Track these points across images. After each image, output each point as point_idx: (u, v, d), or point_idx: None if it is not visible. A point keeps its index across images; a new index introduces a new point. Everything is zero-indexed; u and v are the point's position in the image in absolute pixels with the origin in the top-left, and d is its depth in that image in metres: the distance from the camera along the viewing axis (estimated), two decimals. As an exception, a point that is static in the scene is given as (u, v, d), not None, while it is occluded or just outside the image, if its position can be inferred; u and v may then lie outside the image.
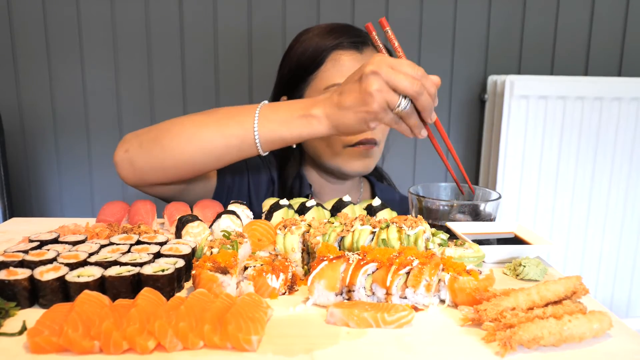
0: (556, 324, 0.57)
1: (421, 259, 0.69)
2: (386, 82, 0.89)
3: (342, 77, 1.16)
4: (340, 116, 0.93)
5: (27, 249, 0.76)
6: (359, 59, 1.20)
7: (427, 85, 0.91)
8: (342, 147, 1.22)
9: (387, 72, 0.88)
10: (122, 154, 1.04)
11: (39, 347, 0.57)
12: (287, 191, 1.29)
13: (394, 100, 0.90)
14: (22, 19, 1.82)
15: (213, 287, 0.68)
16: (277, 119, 0.98)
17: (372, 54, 1.23)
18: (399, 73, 0.88)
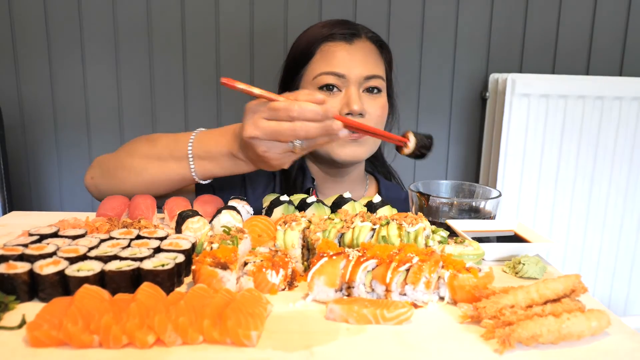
0: (555, 322, 0.57)
1: (421, 256, 0.69)
2: (268, 140, 0.91)
3: (328, 66, 1.23)
4: (258, 164, 0.99)
5: (27, 242, 0.76)
6: (348, 49, 1.25)
7: (307, 117, 0.89)
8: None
9: (264, 131, 0.90)
10: (89, 180, 1.15)
11: (38, 341, 0.57)
12: (290, 184, 1.30)
13: (285, 148, 0.92)
14: (23, 13, 1.81)
15: (213, 283, 0.68)
16: (209, 156, 1.02)
17: (364, 45, 1.27)
18: (274, 128, 0.89)
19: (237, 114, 1.91)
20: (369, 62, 1.26)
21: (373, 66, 1.26)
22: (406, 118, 1.95)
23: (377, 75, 1.26)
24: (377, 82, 1.26)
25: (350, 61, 1.24)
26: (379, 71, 1.28)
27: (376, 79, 1.26)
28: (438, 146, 2.00)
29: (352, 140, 1.24)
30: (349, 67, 1.23)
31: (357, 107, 1.21)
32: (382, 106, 1.27)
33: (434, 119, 1.98)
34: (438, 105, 1.97)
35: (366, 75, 1.24)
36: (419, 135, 0.99)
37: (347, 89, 1.24)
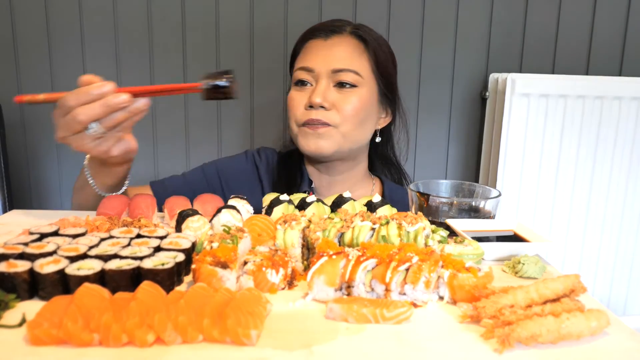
0: (554, 322, 0.57)
1: (421, 256, 0.69)
2: (71, 135, 0.95)
3: (305, 62, 1.29)
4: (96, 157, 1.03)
5: (27, 241, 0.76)
6: (323, 45, 1.29)
7: (82, 101, 0.92)
8: (297, 126, 1.30)
9: (61, 129, 0.96)
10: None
11: (38, 340, 0.58)
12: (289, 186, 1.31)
13: (90, 136, 0.94)
14: (23, 10, 1.81)
15: (213, 282, 0.68)
16: (95, 173, 1.11)
17: (341, 41, 1.28)
18: (62, 123, 0.95)
19: (237, 110, 1.91)
20: (342, 56, 1.26)
21: (345, 60, 1.26)
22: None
23: (347, 69, 1.25)
24: (348, 76, 1.25)
25: (321, 56, 1.27)
26: (354, 66, 1.26)
27: (347, 72, 1.25)
28: (438, 145, 2.00)
29: (313, 133, 1.26)
30: (319, 61, 1.26)
31: (317, 99, 1.24)
32: (355, 100, 1.26)
33: (433, 119, 1.98)
34: (438, 105, 1.97)
35: (334, 68, 1.25)
36: (211, 74, 0.96)
37: (316, 83, 1.27)
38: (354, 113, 1.27)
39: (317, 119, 1.25)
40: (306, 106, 1.27)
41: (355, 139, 1.31)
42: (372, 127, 1.36)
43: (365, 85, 1.28)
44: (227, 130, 1.94)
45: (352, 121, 1.28)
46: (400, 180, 1.51)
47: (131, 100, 0.94)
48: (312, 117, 1.26)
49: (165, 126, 1.92)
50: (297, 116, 1.29)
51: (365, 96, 1.28)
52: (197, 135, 1.94)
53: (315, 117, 1.25)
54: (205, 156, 1.96)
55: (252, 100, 1.91)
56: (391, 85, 1.36)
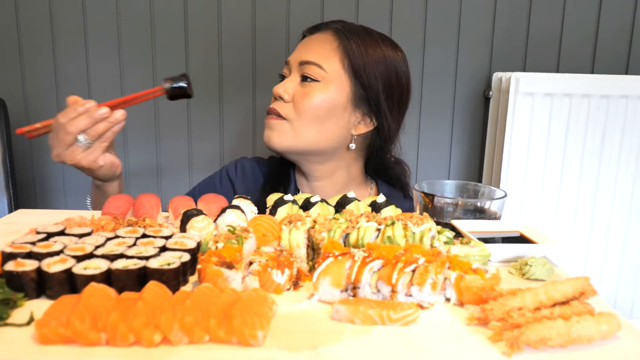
0: (564, 325, 0.57)
1: (427, 257, 0.69)
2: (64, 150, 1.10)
3: (290, 56, 1.28)
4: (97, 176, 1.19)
5: (35, 240, 0.76)
6: (307, 40, 1.29)
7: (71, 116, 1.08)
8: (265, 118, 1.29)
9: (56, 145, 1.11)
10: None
11: (46, 338, 0.58)
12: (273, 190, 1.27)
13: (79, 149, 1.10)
14: (27, 10, 1.81)
15: (218, 282, 0.68)
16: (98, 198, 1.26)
17: (325, 37, 1.25)
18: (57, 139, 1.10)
19: (239, 110, 1.91)
20: (312, 49, 1.23)
21: (313, 53, 1.22)
22: (408, 118, 1.94)
23: (312, 62, 1.21)
24: (311, 70, 1.21)
25: (297, 50, 1.27)
26: (320, 60, 1.21)
27: (310, 65, 1.21)
28: (441, 145, 1.99)
29: (267, 124, 1.26)
30: (293, 54, 1.26)
31: (278, 90, 1.24)
32: (312, 96, 1.20)
33: (436, 119, 1.97)
34: (441, 104, 1.96)
35: (301, 60, 1.23)
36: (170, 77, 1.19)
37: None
38: (309, 108, 1.21)
39: (273, 108, 1.25)
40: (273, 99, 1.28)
41: (311, 138, 1.24)
42: (338, 129, 1.25)
43: (331, 83, 1.21)
44: (229, 130, 1.94)
45: (307, 117, 1.21)
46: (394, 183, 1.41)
47: (110, 112, 1.10)
48: (270, 106, 1.26)
49: (168, 123, 1.92)
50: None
51: (328, 94, 1.21)
52: (199, 134, 1.94)
53: (271, 107, 1.25)
54: (207, 155, 1.96)
55: (254, 95, 1.90)
56: (372, 90, 1.24)
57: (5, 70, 1.85)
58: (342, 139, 1.28)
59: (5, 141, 1.65)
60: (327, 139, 1.26)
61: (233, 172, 1.41)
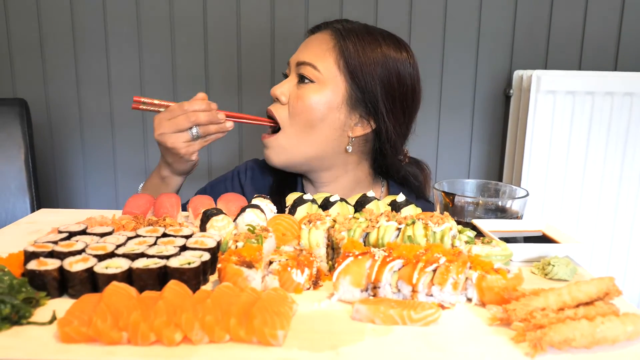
0: (588, 326, 0.55)
1: (448, 257, 0.68)
2: (172, 133, 1.15)
3: (291, 57, 1.26)
4: (173, 160, 1.20)
5: (57, 239, 0.77)
6: (307, 40, 1.26)
7: (195, 109, 1.16)
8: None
9: (167, 125, 1.15)
10: None
11: (68, 337, 0.58)
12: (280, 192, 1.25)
13: (186, 137, 1.16)
14: (49, 13, 1.85)
15: (238, 281, 0.68)
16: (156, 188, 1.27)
17: (323, 37, 1.21)
18: (172, 122, 1.15)
19: (257, 109, 1.92)
20: (310, 49, 1.21)
21: (309, 54, 1.19)
22: (428, 116, 1.93)
23: (307, 63, 1.18)
24: (306, 70, 1.18)
25: (298, 50, 1.25)
26: (314, 60, 1.18)
27: (305, 66, 1.18)
28: (461, 144, 1.97)
29: (264, 139, 1.26)
30: (294, 55, 1.25)
31: (276, 90, 1.23)
32: (305, 97, 1.17)
33: (456, 117, 1.95)
34: (461, 102, 1.94)
35: (297, 61, 1.22)
36: None
37: None
38: (303, 110, 1.18)
39: (269, 109, 1.25)
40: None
41: (307, 146, 1.21)
42: (333, 131, 1.21)
43: (326, 84, 1.18)
44: (247, 130, 1.94)
45: (301, 119, 1.19)
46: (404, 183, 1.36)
47: (224, 119, 1.20)
48: (267, 109, 1.26)
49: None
50: None
51: (322, 95, 1.17)
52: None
53: (268, 109, 1.25)
54: (226, 155, 1.97)
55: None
56: (368, 92, 1.19)
57: (27, 72, 1.89)
58: (338, 142, 1.23)
59: (28, 141, 1.68)
60: (323, 142, 1.22)
61: (243, 174, 1.40)
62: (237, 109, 1.92)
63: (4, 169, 1.65)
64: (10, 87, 1.89)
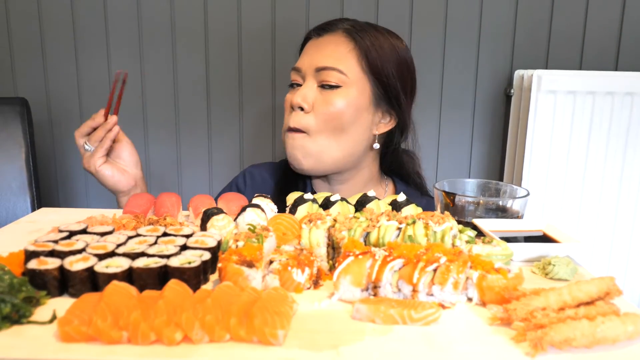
0: (589, 326, 0.55)
1: (449, 256, 0.68)
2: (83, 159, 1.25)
3: (298, 61, 1.25)
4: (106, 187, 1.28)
5: (57, 239, 0.77)
6: (315, 43, 1.24)
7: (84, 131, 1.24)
8: (284, 132, 1.25)
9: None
10: None
11: (68, 336, 0.58)
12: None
13: (84, 154, 1.25)
14: (50, 13, 1.84)
15: (239, 281, 0.68)
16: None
17: (331, 38, 1.21)
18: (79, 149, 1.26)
19: (259, 109, 1.92)
20: (327, 54, 1.19)
21: (330, 58, 1.18)
22: (429, 115, 1.93)
23: (331, 68, 1.17)
24: (330, 75, 1.17)
25: (309, 54, 1.22)
26: (340, 64, 1.17)
27: (329, 71, 1.17)
28: (461, 144, 1.97)
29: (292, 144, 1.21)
30: (306, 60, 1.21)
31: (297, 99, 1.18)
32: (335, 102, 1.17)
33: (457, 116, 1.95)
34: (461, 102, 1.94)
35: (317, 66, 1.18)
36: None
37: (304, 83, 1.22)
38: (332, 116, 1.17)
39: (293, 126, 1.19)
40: (290, 110, 1.22)
41: (332, 148, 1.21)
42: (362, 132, 1.23)
43: (352, 86, 1.18)
44: (248, 129, 1.94)
45: (329, 125, 1.18)
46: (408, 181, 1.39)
47: (102, 118, 1.22)
48: (290, 125, 1.20)
49: (188, 123, 1.93)
50: (285, 120, 1.25)
51: (351, 98, 1.18)
52: (219, 133, 1.95)
53: (292, 125, 1.19)
54: (227, 154, 1.97)
55: (273, 97, 1.91)
56: (391, 87, 1.23)
57: (28, 71, 1.89)
58: (365, 142, 1.25)
59: (28, 140, 1.68)
60: (352, 144, 1.23)
61: (242, 183, 1.40)
62: (238, 110, 1.92)
63: (4, 168, 1.65)
64: (11, 86, 1.89)
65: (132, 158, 1.28)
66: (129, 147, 1.28)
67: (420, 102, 1.89)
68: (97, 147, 1.21)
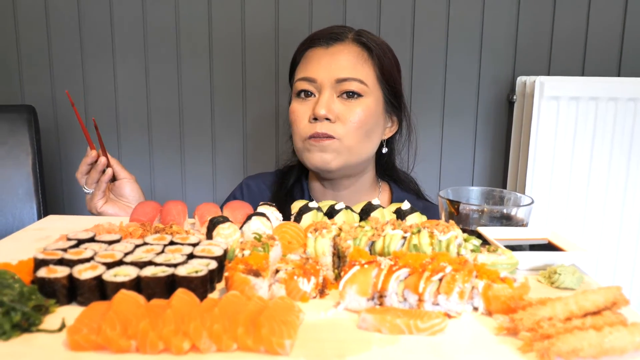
0: (596, 336, 0.55)
1: (454, 266, 0.69)
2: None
3: (307, 71, 1.24)
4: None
5: (66, 247, 0.77)
6: (325, 52, 1.24)
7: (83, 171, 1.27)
8: (302, 140, 1.25)
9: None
10: None
11: (78, 345, 0.59)
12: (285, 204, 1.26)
13: (87, 197, 1.28)
14: (57, 22, 1.86)
15: (245, 290, 0.68)
16: None
17: (343, 48, 1.23)
18: None
19: (262, 116, 1.93)
20: (345, 64, 1.21)
21: (349, 69, 1.21)
22: (431, 122, 1.94)
23: (352, 78, 1.20)
24: (352, 86, 1.20)
25: (323, 65, 1.22)
26: (359, 74, 1.21)
27: (351, 81, 1.20)
28: (464, 150, 1.98)
29: (318, 146, 1.21)
30: (322, 71, 1.21)
31: (321, 111, 1.18)
32: (360, 111, 1.21)
33: (459, 123, 1.95)
34: (464, 108, 1.95)
35: (338, 77, 1.20)
36: None
37: (319, 94, 1.22)
38: (359, 124, 1.21)
39: (321, 132, 1.20)
40: (310, 119, 1.22)
41: (361, 152, 1.25)
42: (378, 138, 1.29)
43: (370, 95, 1.23)
44: (252, 136, 1.95)
45: (358, 133, 1.22)
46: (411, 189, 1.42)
47: (94, 159, 1.25)
48: (317, 131, 1.20)
49: (193, 130, 1.94)
50: (300, 129, 1.24)
51: (371, 106, 1.23)
52: (223, 140, 1.95)
53: (319, 130, 1.20)
54: (231, 161, 1.98)
55: (277, 104, 1.92)
56: (397, 93, 1.30)
57: (35, 78, 1.90)
58: (377, 147, 1.31)
59: (35, 147, 1.69)
60: (372, 150, 1.29)
61: (240, 196, 1.42)
62: (242, 116, 1.93)
63: (12, 175, 1.66)
64: (18, 93, 1.91)
65: (134, 194, 1.28)
66: (130, 184, 1.28)
67: (422, 109, 1.91)
68: (95, 190, 1.24)
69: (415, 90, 1.91)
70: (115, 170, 1.26)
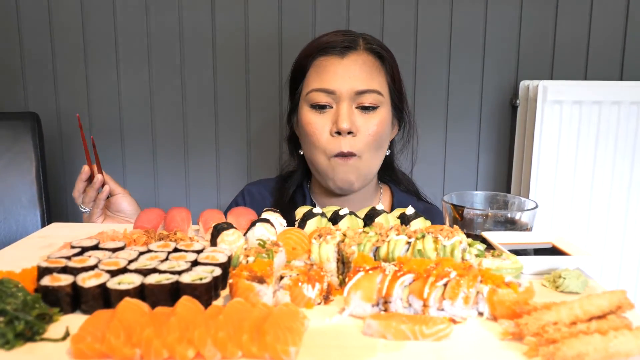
0: (601, 340, 0.55)
1: (459, 271, 0.68)
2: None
3: (320, 82, 1.21)
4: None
5: (70, 255, 0.77)
6: (340, 63, 1.21)
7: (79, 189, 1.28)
8: (327, 158, 1.23)
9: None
10: None
11: (82, 353, 0.59)
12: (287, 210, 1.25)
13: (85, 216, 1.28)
14: (61, 29, 1.87)
15: (250, 297, 0.68)
16: None
17: (358, 58, 1.21)
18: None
19: (266, 123, 1.93)
20: (363, 76, 1.20)
21: (367, 80, 1.20)
22: (435, 126, 1.94)
23: (371, 90, 1.20)
24: (371, 98, 1.20)
25: (341, 76, 1.19)
26: (376, 85, 1.21)
27: (370, 93, 1.20)
28: (468, 155, 1.97)
29: (344, 164, 1.20)
30: (340, 82, 1.19)
31: (345, 125, 1.17)
32: (377, 123, 1.21)
33: (463, 128, 1.95)
34: (467, 113, 1.95)
35: (357, 90, 1.19)
36: None
37: (338, 106, 1.20)
38: (375, 137, 1.22)
39: (346, 151, 1.20)
40: (332, 132, 1.21)
41: (376, 164, 1.28)
42: (387, 145, 1.31)
43: (385, 104, 1.24)
44: (256, 143, 1.96)
45: (373, 145, 1.23)
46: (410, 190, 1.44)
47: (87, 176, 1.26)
48: (343, 150, 1.20)
49: (196, 137, 1.95)
50: (323, 145, 1.22)
51: (385, 116, 1.24)
52: (227, 146, 1.96)
53: (345, 150, 1.20)
54: (234, 168, 1.98)
55: (280, 109, 1.92)
56: (403, 97, 1.32)
57: (39, 86, 1.91)
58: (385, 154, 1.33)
59: (39, 154, 1.70)
60: (382, 159, 1.30)
61: (242, 202, 1.42)
62: (246, 123, 1.93)
63: (15, 182, 1.67)
64: (22, 100, 1.92)
65: (131, 208, 1.29)
66: (127, 199, 1.28)
67: (426, 113, 1.91)
68: (92, 208, 1.25)
69: (419, 95, 1.91)
70: (110, 186, 1.26)
